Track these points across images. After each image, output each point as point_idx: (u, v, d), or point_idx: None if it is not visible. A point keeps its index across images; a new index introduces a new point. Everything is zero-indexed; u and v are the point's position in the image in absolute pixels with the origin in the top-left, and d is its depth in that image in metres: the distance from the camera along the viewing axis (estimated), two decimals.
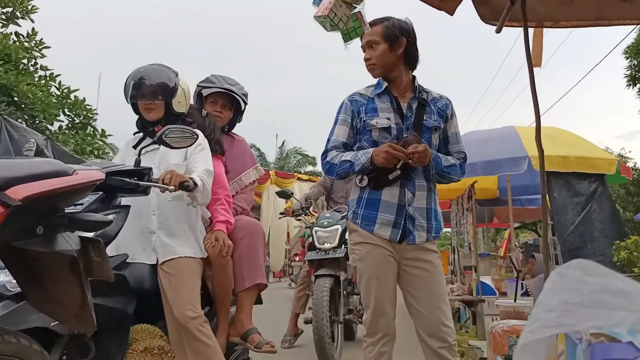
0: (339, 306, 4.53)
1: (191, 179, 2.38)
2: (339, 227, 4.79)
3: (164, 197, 2.55)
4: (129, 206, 2.38)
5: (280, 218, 7.41)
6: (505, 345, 2.21)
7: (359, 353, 4.48)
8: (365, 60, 2.45)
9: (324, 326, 3.97)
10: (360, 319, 4.96)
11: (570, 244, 5.27)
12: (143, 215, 2.57)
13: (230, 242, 2.74)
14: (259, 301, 3.14)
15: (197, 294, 2.51)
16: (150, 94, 2.64)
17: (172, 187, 2.27)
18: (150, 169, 2.35)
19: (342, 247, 4.68)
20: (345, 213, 4.61)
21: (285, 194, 5.32)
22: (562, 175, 5.33)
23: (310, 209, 5.46)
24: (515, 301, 3.58)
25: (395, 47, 2.41)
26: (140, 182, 2.23)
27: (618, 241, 4.96)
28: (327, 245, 4.75)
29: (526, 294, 5.56)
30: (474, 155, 5.39)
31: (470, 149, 5.31)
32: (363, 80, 2.62)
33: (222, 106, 3.31)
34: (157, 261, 2.53)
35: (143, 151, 2.52)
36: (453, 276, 7.46)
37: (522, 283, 5.54)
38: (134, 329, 2.33)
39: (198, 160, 2.63)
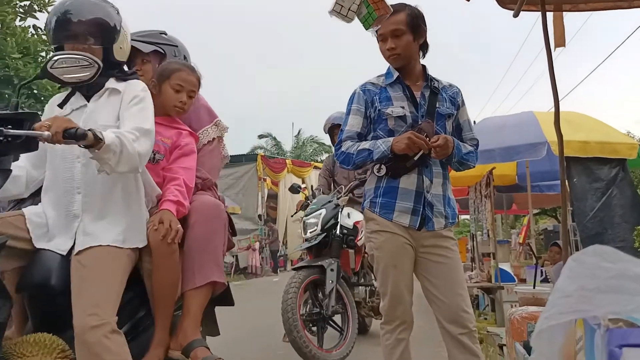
0: (329, 298, 3.95)
1: (92, 131, 1.75)
2: (323, 212, 4.37)
3: (91, 171, 1.97)
4: (9, 170, 1.77)
5: (293, 218, 7.20)
6: (524, 332, 2.20)
7: (371, 348, 4.40)
8: (389, 49, 2.37)
9: (289, 320, 3.62)
10: (371, 311, 4.77)
11: (590, 230, 5.21)
12: (67, 194, 2.03)
13: (179, 225, 2.15)
14: (229, 302, 2.60)
15: (109, 293, 1.90)
16: (83, 36, 2.02)
17: (46, 133, 1.67)
18: (36, 114, 1.80)
19: (334, 232, 4.28)
20: (333, 192, 4.59)
21: (294, 189, 5.12)
22: (582, 161, 5.25)
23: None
24: (534, 287, 3.57)
25: (418, 36, 2.41)
26: (10, 131, 1.63)
27: (639, 227, 4.89)
28: (309, 233, 4.34)
29: (546, 280, 5.52)
30: (492, 141, 5.36)
31: (488, 135, 5.32)
32: (378, 68, 2.59)
33: (143, 62, 2.66)
34: (73, 251, 1.98)
35: (68, 109, 2.08)
36: (472, 263, 7.45)
37: (541, 270, 5.51)
38: (24, 341, 1.80)
39: (128, 116, 2.05)
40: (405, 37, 2.36)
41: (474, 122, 10.73)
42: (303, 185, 20.25)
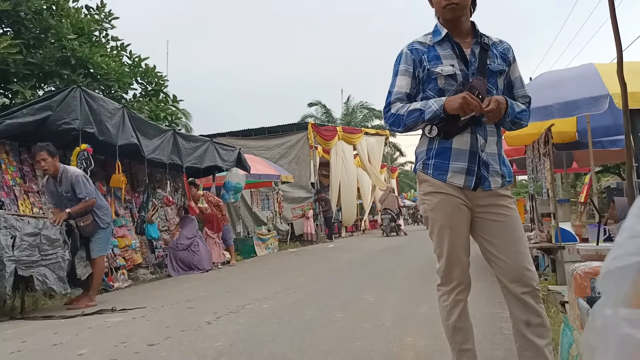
0: None
1: None
2: None
3: None
4: None
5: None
6: (587, 287, 2.13)
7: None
8: None
9: None
10: None
11: None
12: None
13: None
14: None
15: None
16: None
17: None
18: None
19: None
20: None
21: None
22: None
23: None
24: (597, 244, 3.45)
25: None
26: None
27: None
28: None
29: (609, 239, 5.33)
30: (550, 97, 5.14)
31: (546, 91, 5.12)
32: (423, 30, 2.50)
33: None
34: None
35: None
36: (531, 224, 7.28)
37: (605, 228, 5.32)
38: None
39: None
40: None
41: (530, 78, 10.32)
42: (355, 152, 20.20)
